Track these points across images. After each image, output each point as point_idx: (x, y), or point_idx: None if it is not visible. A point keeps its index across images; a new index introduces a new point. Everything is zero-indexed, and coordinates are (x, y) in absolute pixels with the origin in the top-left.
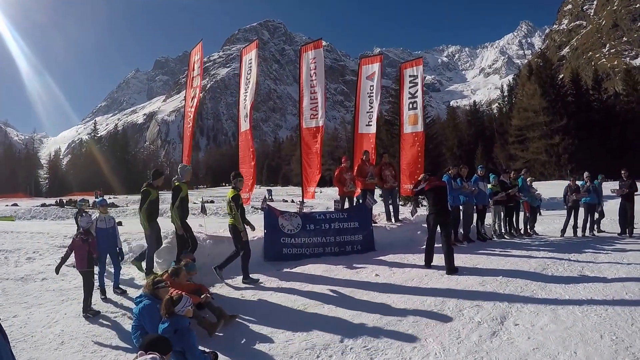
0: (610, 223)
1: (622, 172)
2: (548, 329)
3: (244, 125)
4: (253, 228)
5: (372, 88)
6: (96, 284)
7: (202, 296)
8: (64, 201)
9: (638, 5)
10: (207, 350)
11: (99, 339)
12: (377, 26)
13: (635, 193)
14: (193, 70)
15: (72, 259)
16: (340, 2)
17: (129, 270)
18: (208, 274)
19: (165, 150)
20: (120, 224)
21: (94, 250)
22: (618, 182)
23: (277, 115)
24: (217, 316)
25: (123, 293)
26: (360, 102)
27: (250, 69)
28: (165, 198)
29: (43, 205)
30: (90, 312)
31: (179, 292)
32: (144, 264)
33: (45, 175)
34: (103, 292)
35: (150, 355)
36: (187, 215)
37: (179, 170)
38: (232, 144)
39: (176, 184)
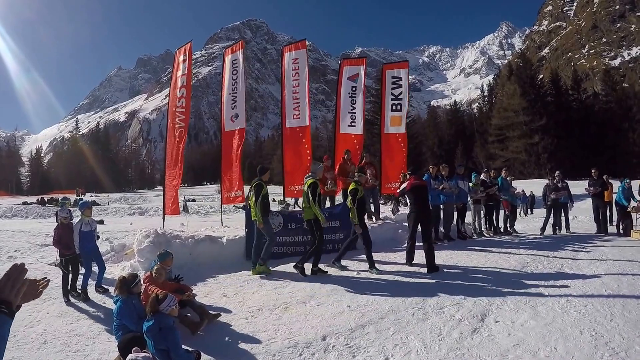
0: (589, 221)
1: (593, 171)
2: (528, 326)
3: (230, 125)
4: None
5: (354, 89)
6: (79, 284)
7: (185, 294)
8: (46, 199)
9: (617, 7)
10: (190, 349)
11: (81, 338)
12: (359, 26)
13: (614, 192)
14: (179, 69)
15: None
16: (321, 1)
17: (111, 269)
18: (190, 273)
19: (147, 148)
20: (101, 222)
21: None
22: (588, 181)
23: (259, 115)
24: (200, 315)
25: (105, 292)
26: (342, 102)
27: (236, 70)
28: (147, 197)
29: (24, 203)
30: (75, 292)
31: (164, 291)
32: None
33: (27, 173)
34: (85, 293)
35: (143, 354)
36: (268, 212)
37: (312, 168)
38: (213, 142)
39: (310, 181)
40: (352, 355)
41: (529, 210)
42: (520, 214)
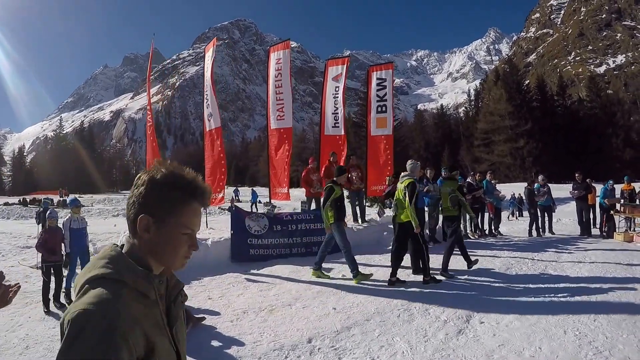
0: (573, 223)
1: (576, 175)
2: (513, 326)
3: (209, 125)
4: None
5: (337, 89)
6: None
7: None
8: (28, 200)
9: (604, 16)
10: None
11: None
12: (348, 29)
13: (597, 195)
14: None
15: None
16: (311, 4)
17: None
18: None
19: (131, 149)
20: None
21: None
22: (572, 184)
23: (246, 116)
24: (185, 318)
25: None
26: (326, 103)
27: (208, 65)
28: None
29: (6, 204)
30: (58, 302)
31: None
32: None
33: (9, 173)
34: (68, 295)
35: None
36: (344, 215)
37: (410, 167)
38: (199, 143)
39: (408, 181)
40: (338, 357)
41: (519, 212)
42: (509, 217)
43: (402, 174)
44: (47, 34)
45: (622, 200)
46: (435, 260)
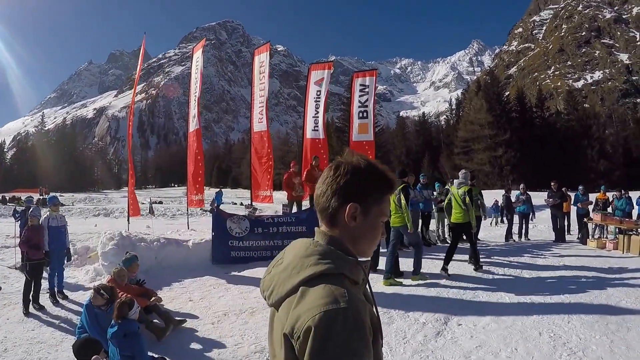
0: (548, 230)
1: (552, 183)
2: (490, 328)
3: (192, 125)
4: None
5: (319, 93)
6: (45, 285)
7: (152, 299)
8: (7, 198)
9: (584, 33)
10: (156, 355)
11: (43, 346)
12: (334, 35)
13: (572, 204)
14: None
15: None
16: (299, 9)
17: (74, 273)
18: (155, 277)
19: (114, 147)
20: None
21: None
22: (547, 192)
23: (230, 117)
24: (165, 321)
25: (65, 298)
26: (308, 107)
27: (197, 67)
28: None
29: None
30: (32, 306)
31: (129, 296)
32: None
33: None
34: (53, 295)
35: None
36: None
37: (463, 176)
38: (182, 144)
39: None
40: None
41: (501, 219)
42: (491, 224)
43: (456, 181)
44: (31, 27)
45: (592, 204)
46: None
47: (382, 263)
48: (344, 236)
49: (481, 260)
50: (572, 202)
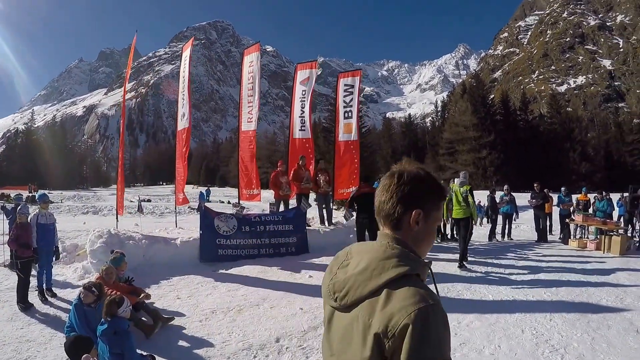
0: (530, 230)
1: (535, 185)
2: (473, 326)
3: (182, 124)
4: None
5: (304, 93)
6: (34, 283)
7: (141, 296)
8: None
9: (568, 39)
10: (145, 353)
11: (33, 344)
12: (322, 36)
13: (554, 204)
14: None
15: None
16: (288, 10)
17: (62, 270)
18: (143, 275)
19: (103, 145)
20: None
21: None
22: (530, 193)
23: (218, 116)
24: (154, 318)
25: (54, 296)
26: (295, 106)
27: (185, 66)
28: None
29: None
30: (27, 303)
31: (119, 294)
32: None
33: None
34: (42, 293)
35: None
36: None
37: (463, 175)
38: (171, 142)
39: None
40: (306, 357)
41: (487, 219)
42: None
43: (457, 180)
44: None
45: (573, 206)
46: None
47: None
48: (407, 239)
49: (457, 256)
50: (554, 203)
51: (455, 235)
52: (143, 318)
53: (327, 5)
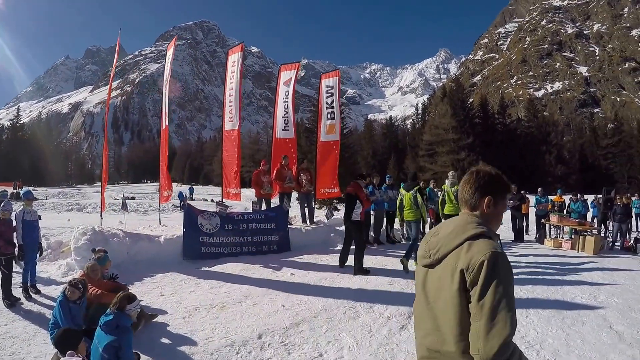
0: (507, 230)
1: (512, 186)
2: None
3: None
4: None
5: (287, 93)
6: (18, 280)
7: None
8: None
9: (546, 46)
10: (133, 350)
11: (16, 341)
12: (307, 39)
13: (531, 205)
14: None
15: None
16: (273, 12)
17: (47, 267)
18: (127, 272)
19: (88, 142)
20: (39, 217)
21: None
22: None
23: (202, 116)
24: (137, 315)
25: (37, 293)
26: (278, 107)
27: (168, 65)
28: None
29: None
30: (12, 299)
31: (132, 293)
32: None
33: None
34: (26, 290)
35: (75, 358)
36: None
37: (452, 176)
38: (155, 140)
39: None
40: (288, 353)
41: None
42: None
43: (448, 181)
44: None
45: (549, 207)
46: (378, 261)
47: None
48: (481, 217)
49: None
50: (531, 204)
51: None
52: None
53: (312, 8)
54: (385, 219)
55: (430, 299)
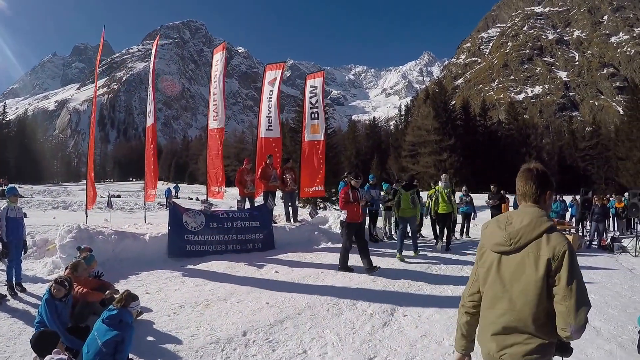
0: None
1: (491, 186)
2: (434, 319)
3: (150, 120)
4: None
5: (271, 93)
6: (2, 277)
7: (107, 292)
8: None
9: (527, 51)
10: None
11: (1, 339)
12: (292, 40)
13: (510, 205)
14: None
15: None
16: (259, 13)
17: (32, 265)
18: (112, 270)
19: (74, 140)
20: (24, 215)
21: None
22: (488, 194)
23: (188, 114)
24: None
25: (23, 291)
26: (263, 106)
27: (151, 63)
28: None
29: None
30: None
31: (128, 291)
32: None
33: None
34: (12, 287)
35: (60, 355)
36: None
37: (445, 178)
38: (141, 139)
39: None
40: (272, 349)
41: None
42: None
43: (441, 183)
44: None
45: None
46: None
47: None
48: (542, 208)
49: (426, 255)
50: (511, 204)
51: (393, 236)
52: None
53: (298, 10)
54: (368, 218)
55: (505, 281)
